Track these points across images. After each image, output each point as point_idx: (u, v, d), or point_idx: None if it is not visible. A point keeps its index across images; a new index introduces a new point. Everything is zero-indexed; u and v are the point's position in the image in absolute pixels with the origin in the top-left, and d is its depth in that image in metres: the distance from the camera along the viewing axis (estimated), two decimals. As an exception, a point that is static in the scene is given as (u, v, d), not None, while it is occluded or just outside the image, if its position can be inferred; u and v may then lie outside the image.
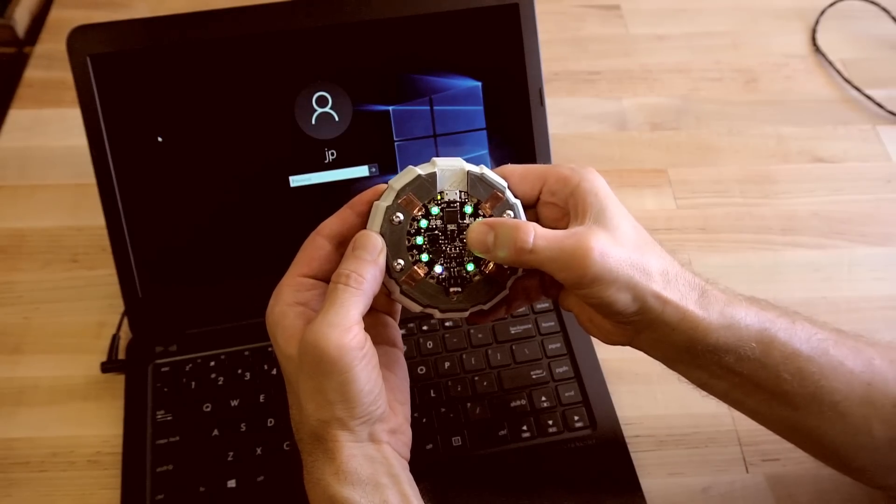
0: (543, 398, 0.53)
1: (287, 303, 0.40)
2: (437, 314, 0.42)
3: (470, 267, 0.42)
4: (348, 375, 0.37)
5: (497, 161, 0.57)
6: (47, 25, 0.80)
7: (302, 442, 0.40)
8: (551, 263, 0.38)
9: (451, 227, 0.41)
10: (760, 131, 0.74)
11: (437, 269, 0.41)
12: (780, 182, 0.70)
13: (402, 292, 0.42)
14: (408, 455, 0.42)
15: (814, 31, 0.82)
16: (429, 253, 0.41)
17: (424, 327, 0.56)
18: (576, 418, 0.53)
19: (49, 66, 0.76)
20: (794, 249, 0.65)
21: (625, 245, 0.39)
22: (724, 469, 0.52)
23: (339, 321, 0.37)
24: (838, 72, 0.78)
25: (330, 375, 0.37)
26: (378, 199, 0.41)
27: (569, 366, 0.55)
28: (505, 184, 0.42)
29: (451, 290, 0.42)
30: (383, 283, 0.41)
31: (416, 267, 0.41)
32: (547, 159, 0.57)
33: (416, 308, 0.42)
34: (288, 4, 0.53)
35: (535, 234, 0.38)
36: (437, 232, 0.41)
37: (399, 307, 0.45)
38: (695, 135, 0.73)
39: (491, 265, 0.42)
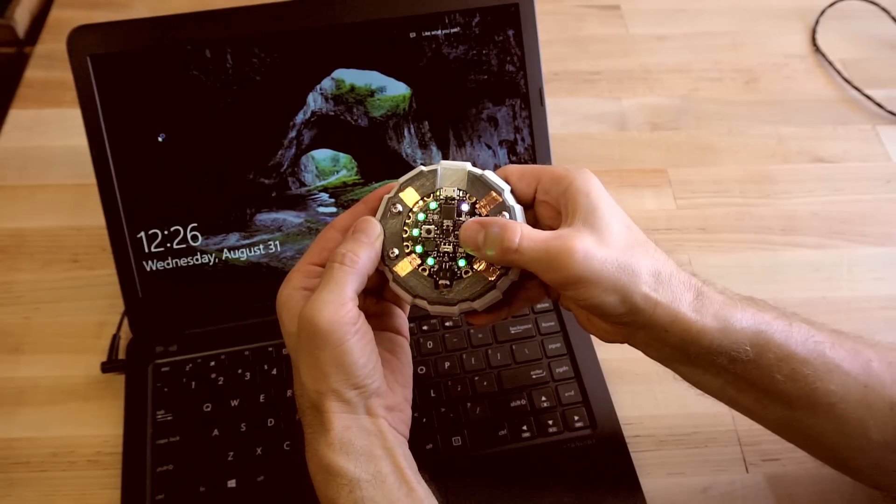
0: (543, 398, 0.53)
1: (295, 287, 0.42)
2: (427, 306, 0.43)
3: (461, 263, 0.42)
4: (342, 347, 0.39)
5: (496, 161, 0.57)
6: (47, 25, 0.80)
7: (303, 415, 0.42)
8: (536, 264, 0.39)
9: (447, 222, 0.42)
10: (760, 131, 0.74)
11: (430, 261, 0.42)
12: (780, 182, 0.70)
13: (394, 280, 0.43)
14: (406, 433, 0.43)
15: (814, 31, 0.82)
16: (423, 245, 0.42)
17: (424, 327, 0.56)
18: (576, 418, 0.53)
19: (49, 66, 0.76)
20: (794, 249, 0.65)
21: (612, 246, 0.39)
22: (724, 469, 0.52)
23: (332, 298, 0.39)
24: (838, 72, 0.78)
25: (325, 348, 0.39)
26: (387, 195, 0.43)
27: (569, 366, 0.55)
28: (505, 186, 0.42)
29: (441, 282, 0.42)
30: (381, 270, 0.42)
31: (408, 257, 0.42)
32: (547, 159, 0.57)
33: (408, 297, 0.43)
34: (288, 5, 0.53)
35: (522, 235, 0.39)
36: (432, 226, 0.42)
37: None
38: (695, 135, 0.73)
39: (482, 263, 0.42)
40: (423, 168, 0.43)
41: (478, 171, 0.42)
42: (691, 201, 0.68)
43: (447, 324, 0.56)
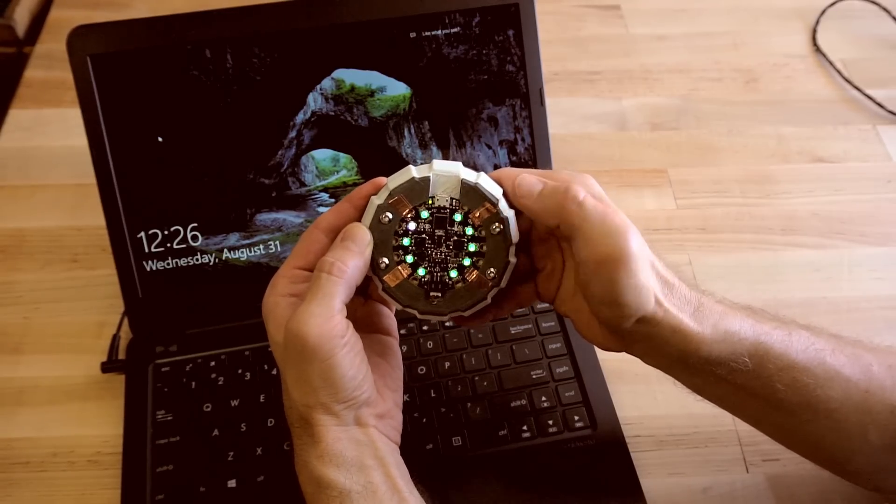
0: (543, 398, 0.53)
1: (280, 293, 0.41)
2: (417, 315, 0.42)
3: (453, 273, 0.42)
4: (330, 362, 0.38)
5: (496, 161, 0.57)
6: (47, 25, 0.80)
7: (292, 426, 0.41)
8: (591, 228, 0.38)
9: (438, 232, 0.41)
10: (760, 131, 0.74)
11: (420, 271, 0.42)
12: (780, 182, 0.70)
13: (383, 289, 0.42)
14: (398, 439, 0.43)
15: (814, 31, 0.82)
16: (414, 255, 0.41)
17: (424, 327, 0.56)
18: (576, 418, 0.53)
19: (49, 66, 0.76)
20: (794, 249, 0.65)
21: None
22: (725, 469, 0.52)
23: (320, 311, 0.38)
24: (838, 72, 0.78)
25: (312, 362, 0.38)
26: (375, 195, 0.42)
27: (569, 366, 0.55)
28: (499, 195, 0.41)
29: (432, 294, 0.42)
30: (369, 278, 0.42)
31: (399, 267, 0.41)
32: (547, 159, 0.57)
33: (397, 305, 0.43)
34: (288, 5, 0.53)
35: (585, 195, 0.39)
36: (424, 236, 0.41)
37: None
38: (695, 135, 0.73)
39: (473, 274, 0.42)
40: (412, 171, 0.41)
41: (472, 178, 0.41)
42: (691, 201, 0.68)
43: (447, 324, 0.56)
